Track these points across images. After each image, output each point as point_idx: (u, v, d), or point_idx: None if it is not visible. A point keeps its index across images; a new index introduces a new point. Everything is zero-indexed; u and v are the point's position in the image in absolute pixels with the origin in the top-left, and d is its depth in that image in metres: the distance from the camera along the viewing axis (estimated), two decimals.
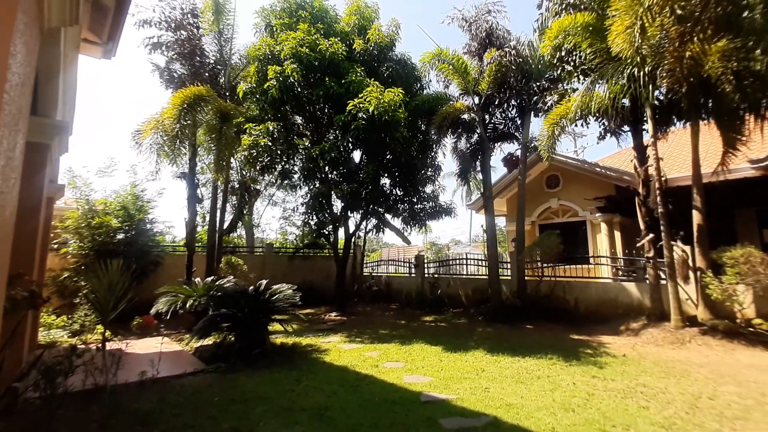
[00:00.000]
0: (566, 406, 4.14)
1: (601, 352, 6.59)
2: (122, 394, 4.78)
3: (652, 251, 8.21)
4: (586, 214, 13.85)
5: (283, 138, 9.74)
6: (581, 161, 13.56)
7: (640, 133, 8.88)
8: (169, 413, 4.17)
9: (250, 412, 4.15)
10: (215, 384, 5.19)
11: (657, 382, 4.95)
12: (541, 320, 9.41)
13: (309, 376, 5.44)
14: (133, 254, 10.97)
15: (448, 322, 10.17)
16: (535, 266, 10.97)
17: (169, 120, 10.75)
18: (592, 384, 4.91)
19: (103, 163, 12.31)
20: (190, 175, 12.33)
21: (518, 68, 10.90)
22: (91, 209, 10.72)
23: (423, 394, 4.64)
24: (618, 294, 9.37)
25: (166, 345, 8.07)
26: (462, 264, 14.47)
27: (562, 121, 8.42)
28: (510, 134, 12.22)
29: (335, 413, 4.09)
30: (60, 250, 10.24)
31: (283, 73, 8.99)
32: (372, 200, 11.11)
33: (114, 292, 5.18)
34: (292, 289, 7.70)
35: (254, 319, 6.72)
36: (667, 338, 7.07)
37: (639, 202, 8.58)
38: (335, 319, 10.83)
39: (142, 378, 5.25)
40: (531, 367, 5.70)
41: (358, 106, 8.48)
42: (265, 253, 15.54)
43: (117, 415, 4.17)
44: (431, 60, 10.53)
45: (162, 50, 12.66)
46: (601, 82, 7.72)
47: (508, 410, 4.05)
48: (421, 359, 6.32)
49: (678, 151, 13.19)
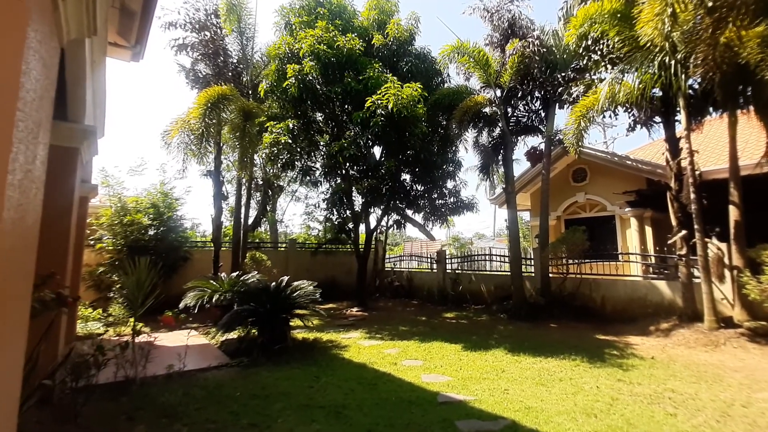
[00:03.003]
0: (588, 411, 4.02)
1: (627, 354, 6.37)
2: (151, 386, 4.99)
3: (685, 248, 7.82)
4: (614, 208, 13.35)
5: (303, 135, 9.83)
6: (610, 153, 13.04)
7: (672, 125, 8.43)
8: (192, 407, 4.33)
9: (269, 408, 4.25)
10: (237, 378, 5.34)
11: (687, 388, 4.74)
12: (565, 319, 9.18)
13: (328, 373, 5.52)
14: (163, 250, 11.42)
15: (468, 319, 10.08)
16: (560, 263, 10.69)
17: (194, 119, 11.06)
18: (616, 388, 4.76)
19: (134, 163, 12.73)
20: (216, 173, 12.66)
21: (542, 59, 10.56)
22: (123, 207, 11.20)
23: (440, 395, 4.62)
24: (647, 292, 9.01)
25: (194, 338, 8.35)
26: (484, 260, 14.27)
27: (589, 113, 8.11)
28: (533, 127, 11.89)
29: (352, 411, 4.13)
30: (96, 246, 10.75)
31: (302, 71, 9.05)
32: (392, 196, 11.08)
33: (142, 288, 5.40)
34: (313, 286, 7.81)
35: (276, 314, 6.86)
36: (700, 340, 6.75)
37: (671, 197, 8.18)
38: (356, 314, 10.92)
39: (169, 371, 5.47)
40: (553, 368, 5.57)
41: (377, 102, 8.44)
42: (288, 248, 15.82)
43: (144, 407, 4.35)
44: (451, 53, 10.33)
45: (187, 51, 13.01)
46: (629, 71, 7.36)
47: (527, 414, 3.98)
48: (440, 357, 6.29)
49: (713, 143, 12.47)
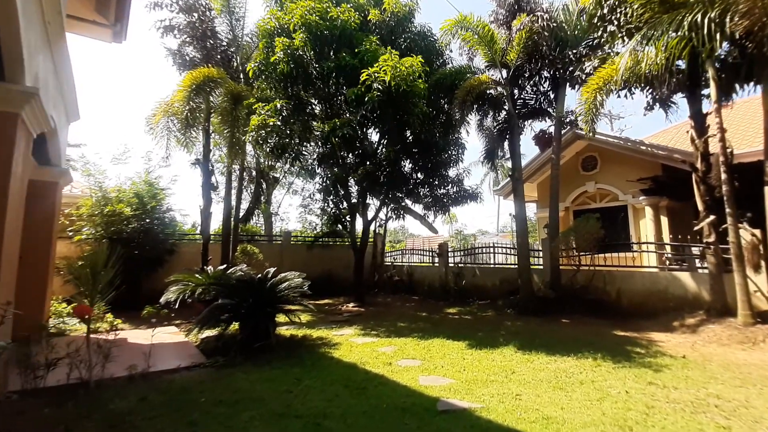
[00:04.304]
0: (621, 423, 3.29)
1: (654, 352, 5.62)
2: (107, 390, 4.31)
3: (713, 236, 7.05)
4: (627, 197, 12.56)
5: (295, 118, 9.09)
6: (623, 139, 12.23)
7: (698, 99, 7.64)
8: (144, 416, 3.64)
9: (234, 418, 3.55)
10: (208, 381, 4.65)
11: (733, 393, 3.99)
12: (578, 313, 8.44)
13: (312, 374, 4.81)
14: (147, 243, 10.76)
15: (473, 315, 9.35)
16: (571, 254, 9.94)
17: (179, 102, 10.39)
18: (649, 393, 4.02)
19: (117, 150, 12.05)
20: (204, 162, 11.98)
21: (551, 34, 9.78)
22: (105, 197, 10.53)
23: (440, 401, 3.90)
24: (668, 285, 8.25)
25: (174, 336, 7.74)
26: (488, 253, 13.53)
27: (606, 85, 7.33)
28: (542, 110, 11.11)
29: (333, 422, 3.43)
30: (74, 237, 10.10)
31: (292, 45, 8.31)
32: (391, 184, 10.34)
33: (98, 276, 4.71)
34: (302, 278, 7.11)
35: (258, 309, 6.17)
36: (734, 336, 5.99)
37: (697, 179, 7.40)
38: (352, 310, 10.22)
39: (131, 372, 4.78)
40: (571, 369, 4.84)
41: (373, 75, 7.68)
42: (283, 242, 15.13)
43: (90, 416, 3.67)
44: (453, 28, 9.55)
45: (174, 33, 12.33)
46: (653, 39, 6.56)
47: (546, 426, 3.26)
48: (441, 357, 5.57)
49: (741, 127, 11.65)
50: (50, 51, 5.58)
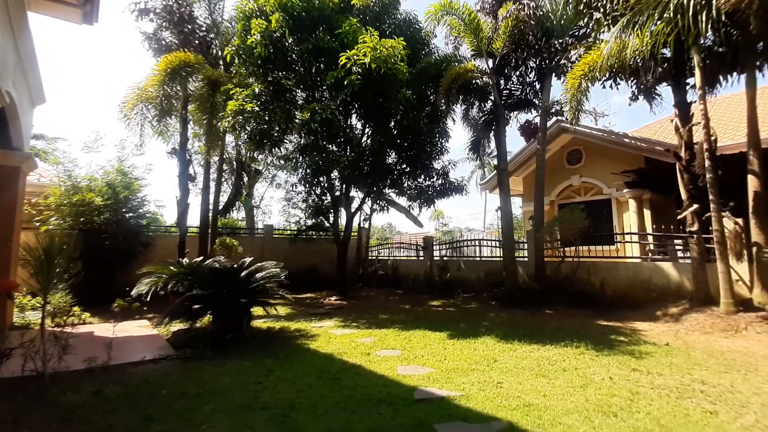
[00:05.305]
0: (605, 409, 3.14)
1: (637, 340, 5.53)
2: (62, 383, 3.99)
3: (696, 224, 7.02)
4: (611, 191, 12.60)
5: (275, 104, 8.76)
6: (607, 132, 12.22)
7: (683, 88, 7.60)
8: (98, 409, 3.35)
9: (196, 411, 3.28)
10: (173, 374, 4.36)
11: (718, 378, 3.89)
12: (563, 305, 8.35)
13: (284, 366, 4.56)
14: (120, 234, 10.30)
15: (457, 307, 9.20)
16: (556, 246, 9.87)
17: (154, 87, 9.94)
18: (633, 379, 3.89)
19: (89, 138, 11.50)
20: (181, 151, 11.54)
21: (538, 23, 9.64)
22: (74, 185, 10.02)
23: (418, 390, 3.70)
24: (651, 275, 8.22)
25: (145, 329, 7.39)
26: (474, 246, 13.42)
27: (591, 71, 7.21)
28: (528, 101, 10.99)
29: (302, 414, 3.19)
30: (41, 228, 9.59)
31: (269, 27, 7.97)
32: (375, 174, 10.09)
33: (52, 264, 4.37)
34: (279, 267, 6.84)
35: (232, 300, 5.89)
36: (717, 325, 5.94)
37: (681, 167, 7.36)
38: (334, 303, 9.96)
39: (90, 365, 4.46)
40: (554, 357, 4.69)
41: (353, 58, 7.40)
42: (265, 235, 14.75)
43: (40, 409, 3.37)
44: (439, 13, 9.34)
45: (150, 17, 11.83)
46: (640, 22, 6.46)
47: (528, 413, 3.08)
48: (422, 347, 5.38)
49: (725, 119, 11.76)
50: (11, 28, 5.19)
